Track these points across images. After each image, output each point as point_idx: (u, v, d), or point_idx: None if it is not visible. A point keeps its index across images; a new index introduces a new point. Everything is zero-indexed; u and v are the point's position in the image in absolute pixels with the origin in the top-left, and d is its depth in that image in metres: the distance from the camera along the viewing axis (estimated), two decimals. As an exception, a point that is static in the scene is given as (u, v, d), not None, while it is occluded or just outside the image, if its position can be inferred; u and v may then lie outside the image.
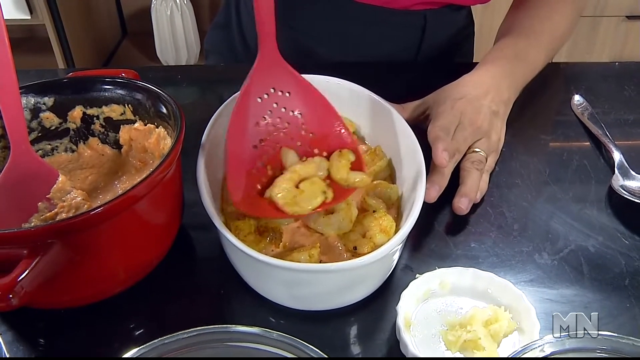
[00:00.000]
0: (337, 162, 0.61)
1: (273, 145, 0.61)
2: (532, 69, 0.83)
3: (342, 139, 0.62)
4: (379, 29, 0.95)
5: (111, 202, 0.49)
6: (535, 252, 0.64)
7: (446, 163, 0.64)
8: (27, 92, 0.64)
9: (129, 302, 0.58)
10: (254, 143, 0.60)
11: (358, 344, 0.55)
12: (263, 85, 0.60)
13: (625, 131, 0.82)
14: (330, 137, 0.62)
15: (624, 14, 2.35)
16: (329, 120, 0.62)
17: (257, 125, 0.61)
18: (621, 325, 0.56)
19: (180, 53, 2.47)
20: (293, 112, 0.62)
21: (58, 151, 0.68)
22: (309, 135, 0.62)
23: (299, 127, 0.62)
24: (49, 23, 2.15)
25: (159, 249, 0.59)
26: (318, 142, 0.63)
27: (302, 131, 0.62)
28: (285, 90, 0.61)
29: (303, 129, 0.62)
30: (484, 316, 0.53)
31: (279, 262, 0.51)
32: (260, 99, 0.60)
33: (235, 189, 0.58)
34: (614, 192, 0.70)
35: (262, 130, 0.61)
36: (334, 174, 0.61)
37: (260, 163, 0.61)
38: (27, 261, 0.46)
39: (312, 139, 0.63)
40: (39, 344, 0.56)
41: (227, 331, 0.42)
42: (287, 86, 0.61)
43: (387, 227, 0.58)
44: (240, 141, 0.59)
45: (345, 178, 0.60)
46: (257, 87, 0.60)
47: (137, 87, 0.64)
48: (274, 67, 0.60)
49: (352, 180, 0.60)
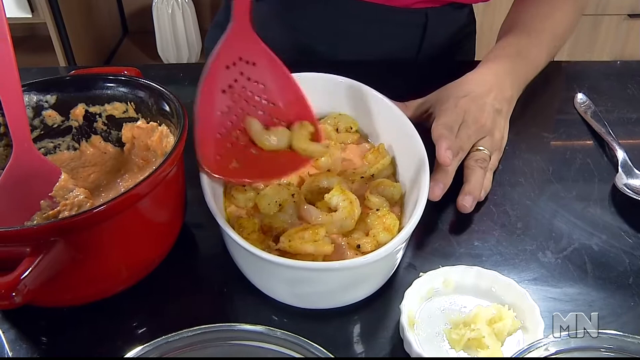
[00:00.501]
0: (298, 132, 0.63)
1: (237, 112, 0.63)
2: (535, 67, 0.83)
3: (302, 112, 0.64)
4: (380, 27, 0.95)
5: (114, 201, 0.49)
6: (539, 251, 0.64)
7: (450, 162, 0.64)
8: (30, 90, 0.64)
9: (132, 300, 0.58)
10: (221, 109, 0.62)
11: (361, 343, 0.55)
12: (231, 54, 0.62)
13: (629, 129, 0.82)
14: (291, 108, 0.64)
15: (626, 12, 2.34)
16: (290, 92, 0.64)
17: (223, 92, 0.62)
18: (625, 323, 0.56)
19: (182, 51, 2.46)
20: (257, 82, 0.63)
21: (60, 149, 0.68)
22: (271, 106, 0.64)
23: (262, 97, 0.64)
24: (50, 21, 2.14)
25: (162, 247, 0.59)
26: (279, 113, 0.64)
27: (264, 101, 0.64)
28: (251, 61, 0.62)
29: (265, 99, 0.64)
30: (488, 315, 0.53)
31: (283, 260, 0.51)
32: (228, 67, 0.62)
33: (204, 153, 0.60)
34: (617, 190, 0.69)
35: (228, 97, 0.62)
36: (295, 143, 0.63)
37: (225, 129, 0.62)
38: (30, 259, 0.46)
39: (273, 109, 0.64)
40: (41, 342, 0.56)
41: (231, 329, 0.42)
42: (254, 57, 0.63)
43: (391, 225, 0.58)
44: (208, 107, 0.61)
45: (304, 148, 0.62)
46: (226, 55, 0.62)
47: (139, 84, 0.64)
48: (243, 38, 0.62)
49: (311, 150, 0.62)
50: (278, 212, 0.60)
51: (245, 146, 0.63)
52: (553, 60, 0.88)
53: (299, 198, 0.61)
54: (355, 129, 0.72)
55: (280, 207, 0.60)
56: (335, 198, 0.60)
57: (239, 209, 0.62)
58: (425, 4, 0.93)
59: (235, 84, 0.62)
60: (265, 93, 0.63)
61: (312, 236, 0.56)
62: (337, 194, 0.60)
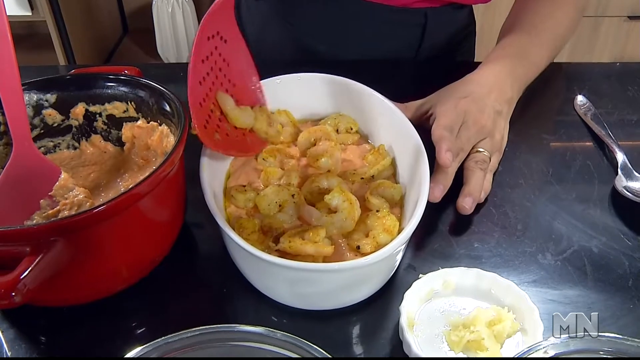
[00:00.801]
0: (260, 115, 0.67)
1: (210, 85, 0.64)
2: (535, 68, 0.83)
3: (258, 96, 0.68)
4: (379, 27, 0.95)
5: (114, 200, 0.49)
6: (539, 253, 0.64)
7: (449, 163, 0.64)
8: (30, 89, 0.64)
9: (132, 300, 0.58)
10: (199, 79, 0.62)
11: (361, 344, 0.55)
12: (212, 27, 0.63)
13: (628, 131, 0.82)
14: (248, 91, 0.68)
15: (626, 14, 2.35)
16: (249, 75, 0.68)
17: (202, 62, 0.63)
18: (625, 326, 0.56)
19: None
20: (224, 60, 0.65)
21: (60, 148, 0.68)
22: (232, 85, 0.66)
23: (225, 74, 0.66)
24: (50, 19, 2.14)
25: (162, 247, 0.59)
26: (237, 93, 0.66)
27: (228, 79, 0.66)
28: (224, 37, 0.64)
29: (228, 77, 0.66)
30: (487, 317, 0.53)
31: (283, 261, 0.51)
32: (208, 39, 0.63)
33: (195, 119, 0.60)
34: (617, 192, 0.69)
35: (206, 67, 0.63)
36: (257, 125, 0.66)
37: (203, 99, 0.63)
38: (30, 259, 0.46)
39: (233, 89, 0.66)
40: (40, 341, 0.56)
41: (230, 330, 0.42)
42: (227, 34, 0.65)
43: (391, 226, 0.58)
44: (193, 75, 0.61)
45: (265, 130, 0.67)
46: (209, 27, 0.62)
47: (140, 84, 0.64)
48: (225, 14, 0.64)
49: (271, 134, 0.67)
50: (278, 212, 0.60)
51: (219, 119, 0.64)
52: (553, 61, 0.88)
53: (299, 199, 0.61)
54: (355, 130, 0.72)
55: (280, 207, 0.60)
56: (335, 199, 0.60)
57: (239, 209, 0.62)
58: (425, 4, 0.93)
59: (211, 57, 0.64)
60: (227, 72, 0.65)
61: (313, 237, 0.56)
62: (337, 194, 0.60)
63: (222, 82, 0.65)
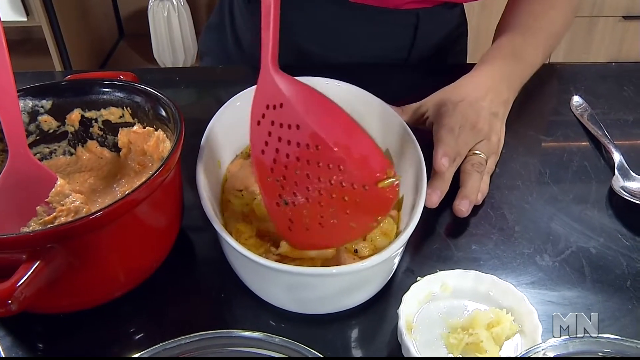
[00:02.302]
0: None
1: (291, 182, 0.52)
2: (530, 68, 0.83)
3: (359, 144, 0.49)
4: (372, 29, 0.95)
5: (111, 206, 0.48)
6: (537, 254, 0.64)
7: (445, 168, 0.65)
8: (25, 95, 0.63)
9: (129, 306, 0.58)
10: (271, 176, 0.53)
11: (359, 348, 0.55)
12: (260, 106, 0.52)
13: (625, 131, 0.82)
14: (344, 142, 0.49)
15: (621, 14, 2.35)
16: (335, 120, 0.50)
17: (262, 152, 0.53)
18: (623, 327, 0.56)
19: (178, 55, 2.46)
20: (290, 125, 0.50)
21: (56, 154, 0.67)
22: (316, 151, 0.48)
23: (298, 139, 0.49)
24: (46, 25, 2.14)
25: (159, 252, 0.59)
26: (333, 159, 0.48)
27: (301, 142, 0.49)
28: (278, 104, 0.51)
29: (301, 141, 0.49)
30: (486, 319, 0.53)
31: (280, 265, 0.51)
32: (259, 123, 0.52)
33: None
34: (614, 193, 0.70)
35: (268, 156, 0.53)
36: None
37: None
38: (26, 266, 0.45)
39: (322, 157, 0.49)
40: (37, 348, 0.55)
41: (229, 336, 0.42)
42: (278, 99, 0.51)
43: (388, 230, 0.58)
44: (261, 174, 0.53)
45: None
46: (256, 109, 0.53)
47: (136, 89, 0.64)
48: (266, 84, 0.52)
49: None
50: (275, 216, 0.60)
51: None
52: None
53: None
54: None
55: (277, 211, 0.60)
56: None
57: (236, 214, 0.61)
58: (417, 5, 0.93)
59: (270, 138, 0.51)
60: (299, 133, 0.49)
61: None
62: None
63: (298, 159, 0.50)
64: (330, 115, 0.49)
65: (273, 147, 0.51)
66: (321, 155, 0.48)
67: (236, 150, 0.69)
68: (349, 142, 0.48)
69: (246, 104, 0.60)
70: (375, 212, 0.49)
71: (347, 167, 0.47)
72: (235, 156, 0.69)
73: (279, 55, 0.55)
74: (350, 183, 0.48)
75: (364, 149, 0.48)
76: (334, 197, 0.49)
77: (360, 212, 0.49)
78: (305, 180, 0.50)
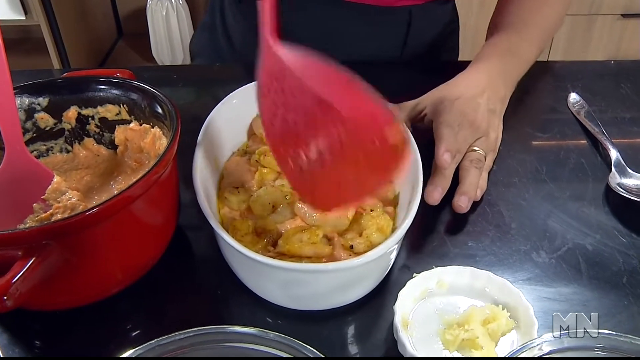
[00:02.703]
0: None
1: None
2: (526, 63, 0.83)
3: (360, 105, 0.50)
4: (365, 27, 0.95)
5: (107, 203, 0.49)
6: (533, 251, 0.64)
7: (447, 164, 0.65)
8: (22, 93, 0.63)
9: (125, 303, 0.58)
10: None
11: (355, 344, 0.55)
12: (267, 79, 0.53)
13: (622, 129, 0.82)
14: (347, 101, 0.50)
15: (620, 12, 2.35)
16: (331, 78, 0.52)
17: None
18: (619, 323, 0.56)
19: (176, 53, 2.46)
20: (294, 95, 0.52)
21: (53, 152, 0.67)
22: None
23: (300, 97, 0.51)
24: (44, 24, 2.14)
25: (155, 249, 0.59)
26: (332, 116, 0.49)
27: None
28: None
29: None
30: (482, 315, 0.53)
31: (276, 262, 0.51)
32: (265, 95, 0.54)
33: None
34: (611, 190, 0.70)
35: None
36: None
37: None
38: (22, 262, 0.45)
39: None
40: (34, 345, 0.55)
41: (224, 332, 0.42)
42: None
43: (384, 226, 0.58)
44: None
45: None
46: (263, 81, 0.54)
47: (132, 87, 0.64)
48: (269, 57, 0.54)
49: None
50: (271, 213, 0.60)
51: None
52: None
53: (292, 199, 0.61)
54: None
55: (273, 208, 0.60)
56: (329, 198, 0.59)
57: (233, 211, 0.62)
58: (409, 2, 0.93)
59: (277, 108, 0.52)
60: (304, 99, 0.50)
61: (311, 238, 0.56)
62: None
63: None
64: (331, 77, 0.51)
65: (281, 116, 0.52)
66: (328, 117, 0.48)
67: (233, 148, 0.69)
68: (352, 101, 0.49)
69: (243, 102, 0.60)
70: (390, 165, 0.49)
71: (354, 126, 0.47)
72: (232, 153, 0.69)
73: None
74: (360, 141, 0.48)
75: (367, 105, 0.49)
76: (347, 158, 0.49)
77: (375, 168, 0.49)
78: (317, 143, 0.50)
